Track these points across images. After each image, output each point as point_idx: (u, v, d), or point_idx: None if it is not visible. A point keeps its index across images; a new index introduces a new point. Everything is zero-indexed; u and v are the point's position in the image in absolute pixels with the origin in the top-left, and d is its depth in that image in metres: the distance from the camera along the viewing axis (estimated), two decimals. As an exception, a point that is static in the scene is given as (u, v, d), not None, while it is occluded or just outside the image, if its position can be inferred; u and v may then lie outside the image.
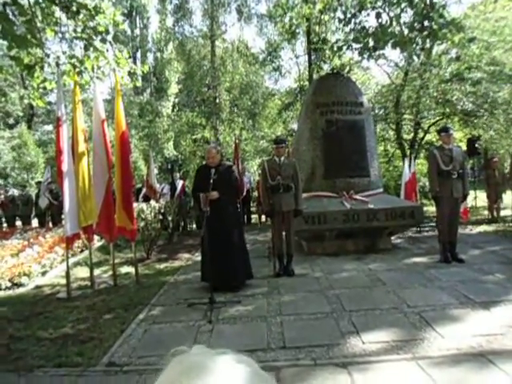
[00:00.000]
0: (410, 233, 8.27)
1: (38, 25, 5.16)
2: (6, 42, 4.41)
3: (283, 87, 21.56)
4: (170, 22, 20.13)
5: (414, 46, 7.17)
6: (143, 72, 7.95)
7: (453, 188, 5.52)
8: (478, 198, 11.70)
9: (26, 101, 6.76)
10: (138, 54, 24.63)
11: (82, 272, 6.23)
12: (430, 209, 10.81)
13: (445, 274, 4.95)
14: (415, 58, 9.68)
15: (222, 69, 17.98)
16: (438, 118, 13.93)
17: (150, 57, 23.83)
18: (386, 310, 3.83)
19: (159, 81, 21.66)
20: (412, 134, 14.90)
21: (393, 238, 7.23)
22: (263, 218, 12.22)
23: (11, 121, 23.19)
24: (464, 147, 11.65)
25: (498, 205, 9.82)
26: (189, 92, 20.64)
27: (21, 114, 23.04)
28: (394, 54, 15.26)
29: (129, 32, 23.60)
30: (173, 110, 20.72)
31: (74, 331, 3.83)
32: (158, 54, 21.85)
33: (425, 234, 8.24)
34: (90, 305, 4.64)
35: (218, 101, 17.88)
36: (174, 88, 21.04)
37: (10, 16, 3.54)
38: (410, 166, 9.29)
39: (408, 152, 13.85)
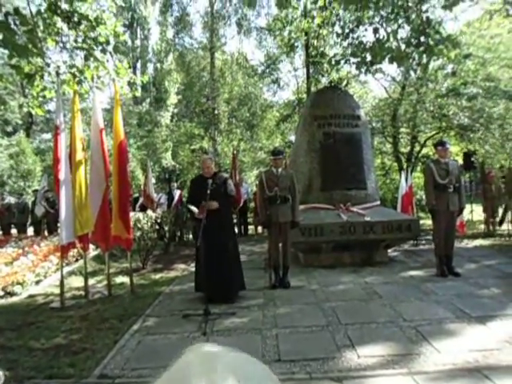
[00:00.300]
0: (407, 246, 8.27)
1: (40, 34, 5.21)
2: (6, 51, 4.45)
3: (281, 99, 21.71)
4: (170, 33, 20.37)
5: (411, 61, 7.27)
6: (143, 82, 8.02)
7: (449, 201, 5.54)
8: (474, 212, 11.73)
9: (25, 109, 6.77)
10: (138, 65, 24.81)
11: (77, 281, 6.18)
12: (427, 222, 10.83)
13: (441, 288, 4.94)
14: (412, 72, 9.79)
15: (221, 80, 18.15)
16: (434, 132, 14.06)
17: (150, 67, 23.99)
18: (381, 324, 3.81)
19: (159, 91, 21.79)
20: (409, 148, 15.02)
21: (389, 250, 7.23)
22: (260, 229, 12.20)
23: (10, 129, 23.22)
24: (460, 161, 11.74)
25: (494, 219, 9.85)
26: (188, 103, 20.78)
27: (20, 122, 23.08)
28: (391, 69, 15.51)
29: (129, 43, 23.82)
30: (171, 121, 20.82)
31: (67, 342, 3.78)
32: (158, 65, 22.03)
33: (421, 247, 8.24)
34: (83, 315, 4.59)
35: (216, 112, 17.99)
36: (173, 98, 21.16)
37: (12, 25, 3.57)
38: (406, 179, 9.34)
39: (405, 165, 13.94)
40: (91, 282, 6.01)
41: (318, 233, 6.25)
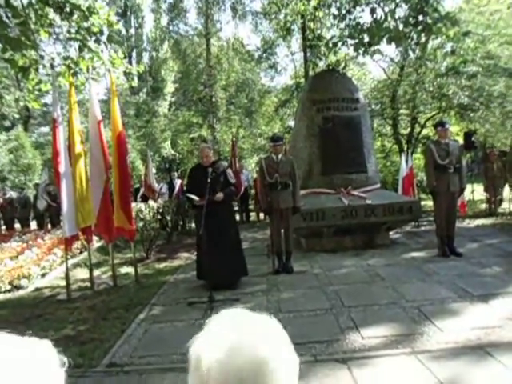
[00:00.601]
0: (408, 228, 8.30)
1: (32, 26, 5.15)
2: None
3: (279, 84, 21.54)
4: (164, 20, 20.06)
5: (409, 40, 7.17)
6: (139, 72, 7.96)
7: (450, 182, 5.54)
8: (475, 192, 11.74)
9: (21, 103, 6.74)
10: (134, 54, 24.51)
11: (82, 273, 6.24)
12: (428, 203, 10.84)
13: (443, 268, 4.98)
14: (410, 52, 9.70)
15: (217, 67, 17.96)
16: (434, 113, 13.96)
17: (146, 56, 23.71)
18: (384, 305, 3.85)
19: (155, 80, 21.59)
20: (409, 129, 14.94)
21: (391, 233, 7.25)
22: (262, 215, 12.24)
23: (7, 123, 23.09)
24: (461, 141, 11.68)
25: (496, 198, 9.85)
26: (185, 91, 20.61)
27: (17, 116, 22.95)
28: (389, 49, 15.34)
29: (123, 32, 23.48)
30: (169, 110, 20.68)
31: (75, 332, 3.84)
32: (154, 54, 21.78)
33: (423, 228, 8.27)
34: (90, 306, 4.65)
35: (214, 99, 17.86)
36: (170, 87, 20.98)
37: (4, 18, 3.52)
38: (407, 160, 9.32)
39: (405, 147, 13.89)
40: (96, 273, 6.06)
41: (320, 217, 6.27)
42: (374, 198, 6.58)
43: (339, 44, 8.33)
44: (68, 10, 5.24)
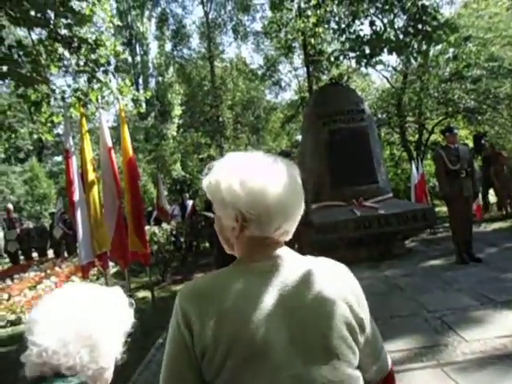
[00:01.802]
0: (424, 235, 8.18)
1: (43, 62, 5.35)
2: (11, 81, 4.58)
3: (284, 100, 21.78)
4: (168, 46, 20.62)
5: (410, 49, 7.24)
6: (146, 97, 8.15)
7: (462, 187, 5.47)
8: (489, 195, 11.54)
9: (35, 135, 6.94)
10: (140, 80, 25.14)
11: (99, 299, 6.27)
12: (442, 209, 10.69)
13: (463, 276, 4.88)
14: (413, 61, 9.74)
15: (222, 87, 18.28)
16: (441, 118, 13.91)
17: (152, 82, 24.27)
18: (405, 317, 3.78)
19: (162, 104, 22.02)
20: (417, 136, 14.88)
21: (406, 242, 7.16)
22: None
23: (22, 155, 23.74)
24: (471, 144, 11.59)
25: (511, 200, 9.67)
26: (192, 113, 20.96)
27: (31, 147, 23.58)
28: (391, 59, 15.43)
29: (130, 60, 24.16)
30: (178, 132, 21.01)
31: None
32: (160, 79, 22.28)
33: (439, 235, 8.15)
34: (109, 332, 4.66)
35: (221, 119, 18.11)
36: (177, 110, 21.36)
37: (16, 57, 3.68)
38: (417, 167, 9.26)
39: (414, 154, 13.81)
40: (114, 298, 6.09)
41: (333, 230, 6.23)
42: (386, 208, 6.53)
43: (341, 57, 8.45)
44: (76, 44, 5.44)
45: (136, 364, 3.59)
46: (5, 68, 4.01)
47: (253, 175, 0.84)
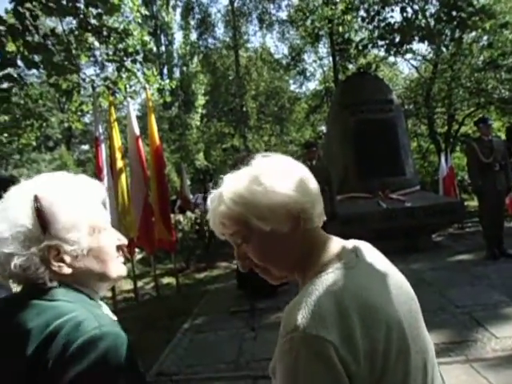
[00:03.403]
0: (452, 229, 7.97)
1: (73, 52, 5.46)
2: (43, 71, 4.70)
3: (309, 90, 21.50)
4: (193, 36, 20.63)
5: (443, 37, 6.99)
6: (171, 87, 8.20)
7: (496, 181, 5.28)
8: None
9: (66, 124, 7.13)
10: (165, 70, 25.33)
11: (126, 284, 6.44)
12: (471, 203, 10.38)
13: (493, 271, 4.73)
14: (444, 49, 9.40)
15: (246, 77, 18.20)
16: (472, 109, 13.43)
17: (177, 72, 24.43)
18: (433, 312, 3.70)
19: (186, 94, 22.15)
20: (446, 128, 14.43)
21: (434, 235, 7.00)
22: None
23: (51, 144, 24.47)
24: (503, 137, 11.14)
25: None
26: (215, 103, 21.00)
27: (60, 136, 24.26)
28: (421, 47, 14.94)
29: (154, 49, 24.34)
30: (201, 122, 21.13)
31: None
32: (184, 69, 22.38)
33: (467, 230, 7.92)
34: (135, 316, 4.79)
35: (244, 109, 18.07)
36: (201, 100, 21.45)
37: (50, 46, 3.77)
38: (446, 160, 8.99)
39: (443, 146, 13.41)
40: (139, 284, 6.25)
41: (358, 222, 6.15)
42: (413, 201, 6.38)
43: (369, 46, 8.24)
44: (105, 33, 5.51)
45: (162, 347, 3.68)
46: (37, 58, 4.12)
47: (281, 167, 0.81)
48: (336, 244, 0.83)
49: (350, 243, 0.85)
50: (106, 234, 0.89)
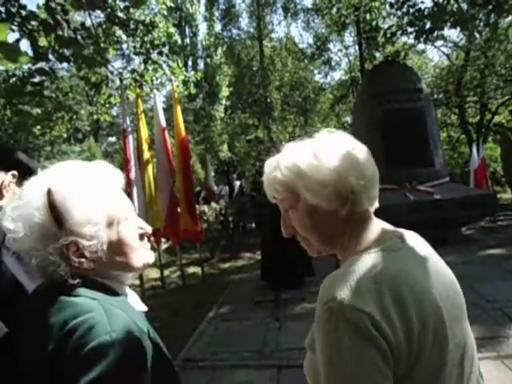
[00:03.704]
0: (483, 223, 7.72)
1: (102, 45, 5.56)
2: (72, 64, 4.82)
3: (334, 80, 21.13)
4: (218, 27, 20.60)
5: (477, 22, 6.68)
6: (196, 79, 8.24)
7: (531, 172, 5.07)
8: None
9: (94, 116, 7.30)
10: (189, 62, 25.48)
11: (153, 273, 6.60)
12: (504, 196, 10.00)
13: (527, 266, 4.57)
14: (477, 35, 9.01)
15: (271, 68, 18.05)
16: (507, 98, 12.85)
17: (201, 63, 24.52)
18: (462, 306, 3.62)
19: (211, 86, 22.22)
20: (478, 117, 13.89)
21: (463, 229, 6.80)
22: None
23: (80, 136, 25.17)
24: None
25: None
26: (239, 94, 20.97)
27: (88, 128, 24.92)
28: (452, 34, 14.38)
29: (179, 41, 24.46)
30: (225, 113, 21.19)
31: (151, 328, 4.08)
32: (208, 60, 22.44)
33: (499, 223, 7.65)
34: (162, 304, 4.92)
35: (268, 100, 17.97)
36: (225, 91, 21.48)
37: (80, 40, 3.86)
38: (478, 151, 8.66)
39: (474, 136, 12.93)
40: (166, 273, 6.39)
41: (385, 214, 6.02)
42: (443, 193, 6.21)
43: (398, 33, 7.98)
44: (133, 26, 5.59)
45: (189, 334, 3.76)
46: (67, 51, 4.23)
47: (341, 145, 0.82)
48: (383, 228, 0.85)
49: (399, 230, 0.87)
50: (127, 224, 0.86)
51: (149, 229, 0.92)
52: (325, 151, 0.79)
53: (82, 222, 0.78)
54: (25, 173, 1.29)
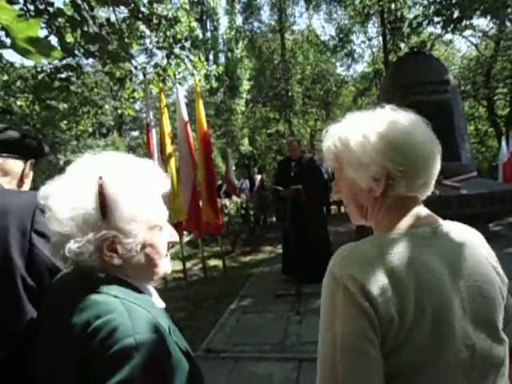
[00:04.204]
0: (511, 219, 7.47)
1: (126, 40, 5.65)
2: (99, 60, 4.91)
3: (356, 72, 20.77)
4: (239, 20, 20.56)
5: (508, 10, 6.41)
6: (218, 73, 8.27)
7: None
8: None
9: (119, 111, 7.44)
10: (211, 56, 25.55)
11: (175, 265, 6.70)
12: (535, 191, 9.61)
13: (559, 264, 4.39)
14: (508, 23, 8.65)
15: (292, 61, 17.89)
16: (539, 89, 12.31)
17: (222, 57, 24.56)
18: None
19: (231, 79, 22.23)
20: (507, 110, 13.39)
21: (490, 225, 6.59)
22: (343, 208, 11.96)
23: (104, 130, 25.74)
24: None
25: None
26: (260, 88, 20.90)
27: (112, 123, 25.44)
28: (482, 23, 13.88)
29: (200, 36, 24.55)
30: (246, 107, 21.19)
31: (173, 320, 4.16)
32: (229, 54, 22.44)
33: (530, 220, 7.38)
34: (184, 295, 5.00)
35: (290, 93, 17.84)
36: (246, 85, 21.45)
37: (105, 36, 3.93)
38: (507, 144, 8.37)
39: (504, 129, 12.47)
40: (188, 265, 6.48)
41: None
42: (470, 188, 6.03)
43: (424, 23, 7.77)
44: (156, 21, 5.64)
45: (211, 326, 3.82)
46: (92, 47, 4.33)
47: (390, 127, 0.81)
48: (419, 216, 0.83)
49: (439, 222, 0.85)
50: (162, 231, 0.87)
51: (176, 238, 0.95)
52: (374, 131, 0.81)
53: (128, 218, 0.79)
54: (36, 155, 1.33)
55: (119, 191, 0.78)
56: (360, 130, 0.82)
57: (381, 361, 0.70)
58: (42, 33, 4.63)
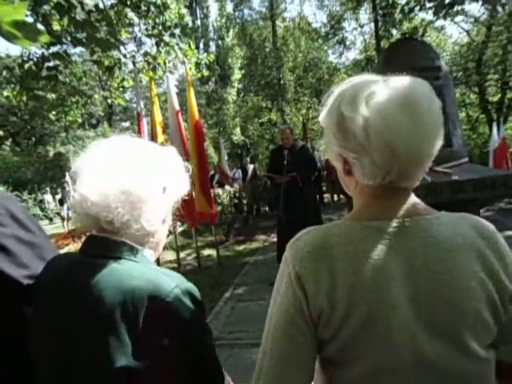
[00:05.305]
0: (502, 204, 7.58)
1: (115, 27, 5.53)
2: (87, 48, 4.81)
3: (348, 60, 20.68)
4: (229, 7, 20.26)
5: (500, -5, 6.39)
6: (209, 61, 8.17)
7: (555, 151, 4.90)
8: None
9: (109, 101, 7.32)
10: (201, 44, 25.21)
11: (169, 255, 6.71)
12: (525, 177, 9.74)
13: (548, 248, 4.47)
14: (500, 9, 8.63)
15: (284, 49, 17.73)
16: (530, 75, 12.38)
17: (212, 45, 24.26)
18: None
19: (222, 68, 22.00)
20: (499, 96, 13.46)
21: (482, 210, 6.67)
22: (336, 197, 12.03)
23: (94, 121, 25.42)
24: None
25: None
26: (252, 76, 20.73)
27: (102, 113, 25.12)
28: (473, 8, 13.86)
29: (190, 24, 24.16)
30: (238, 96, 21.03)
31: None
32: (220, 42, 22.16)
33: (519, 204, 7.50)
34: (179, 285, 5.01)
35: (282, 82, 17.72)
36: (237, 74, 21.26)
37: (94, 22, 3.84)
38: (498, 130, 8.43)
39: (495, 116, 12.56)
40: (181, 255, 6.49)
41: (401, 196, 5.97)
42: (461, 173, 6.04)
43: (416, 9, 7.71)
44: (144, 7, 5.52)
45: (205, 313, 3.83)
46: (78, 35, 4.23)
47: (376, 108, 0.72)
48: (394, 208, 0.74)
49: (433, 218, 0.74)
50: (168, 223, 0.97)
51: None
52: (367, 104, 0.74)
53: (173, 197, 0.95)
54: None
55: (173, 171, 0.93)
56: (351, 101, 0.75)
57: (309, 348, 0.72)
58: (28, 20, 4.52)
